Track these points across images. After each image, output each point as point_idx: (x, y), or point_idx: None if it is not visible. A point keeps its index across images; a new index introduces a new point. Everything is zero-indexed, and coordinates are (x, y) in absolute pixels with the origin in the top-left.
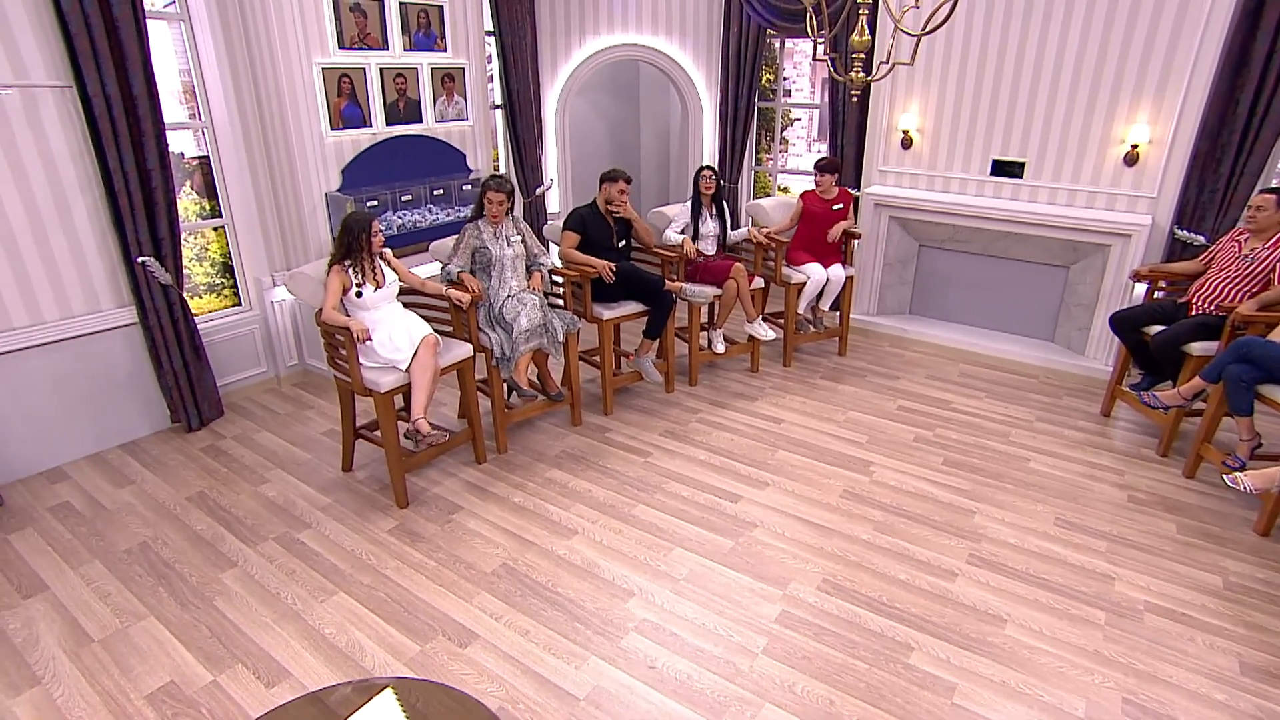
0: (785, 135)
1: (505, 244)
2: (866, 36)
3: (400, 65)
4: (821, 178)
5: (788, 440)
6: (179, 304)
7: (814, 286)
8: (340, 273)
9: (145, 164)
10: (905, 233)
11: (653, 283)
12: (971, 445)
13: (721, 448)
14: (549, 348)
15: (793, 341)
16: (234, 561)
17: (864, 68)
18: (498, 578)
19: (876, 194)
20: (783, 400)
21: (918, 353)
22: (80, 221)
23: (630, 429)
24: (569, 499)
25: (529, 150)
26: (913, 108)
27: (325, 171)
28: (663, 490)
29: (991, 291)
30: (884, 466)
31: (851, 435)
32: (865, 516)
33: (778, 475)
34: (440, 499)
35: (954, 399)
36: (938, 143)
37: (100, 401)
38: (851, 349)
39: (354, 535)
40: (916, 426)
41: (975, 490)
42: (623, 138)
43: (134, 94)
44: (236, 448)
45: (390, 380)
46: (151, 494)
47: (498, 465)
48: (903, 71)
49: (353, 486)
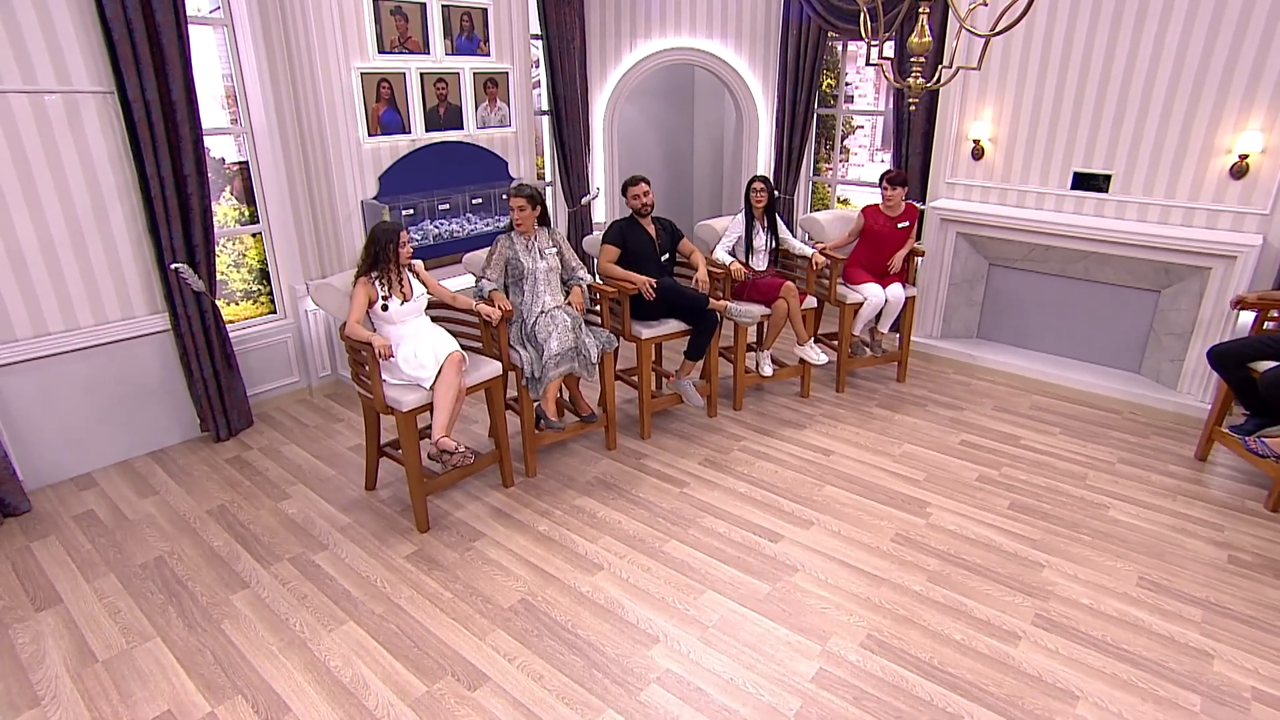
0: (846, 144)
1: (538, 256)
2: (928, 38)
3: (441, 70)
4: (891, 191)
5: (836, 474)
6: (211, 311)
7: (871, 309)
8: (366, 285)
9: (182, 170)
10: (974, 250)
11: (696, 301)
12: (1042, 488)
13: (764, 480)
14: (580, 371)
15: (847, 366)
16: (246, 582)
17: (925, 73)
18: (515, 614)
19: (943, 208)
20: (833, 430)
21: (985, 381)
22: (117, 227)
23: (667, 455)
24: (597, 530)
25: (575, 158)
26: (985, 115)
27: (361, 178)
28: (698, 525)
29: (1069, 316)
30: (942, 508)
31: (907, 472)
32: (919, 565)
33: (824, 514)
34: (462, 524)
35: (1024, 435)
36: (1012, 153)
37: (131, 409)
38: (911, 375)
39: (370, 560)
40: (980, 464)
41: (1045, 540)
42: (675, 145)
43: (173, 99)
44: (262, 460)
45: (413, 399)
46: (174, 506)
47: (525, 489)
48: (974, 76)
49: (374, 507)
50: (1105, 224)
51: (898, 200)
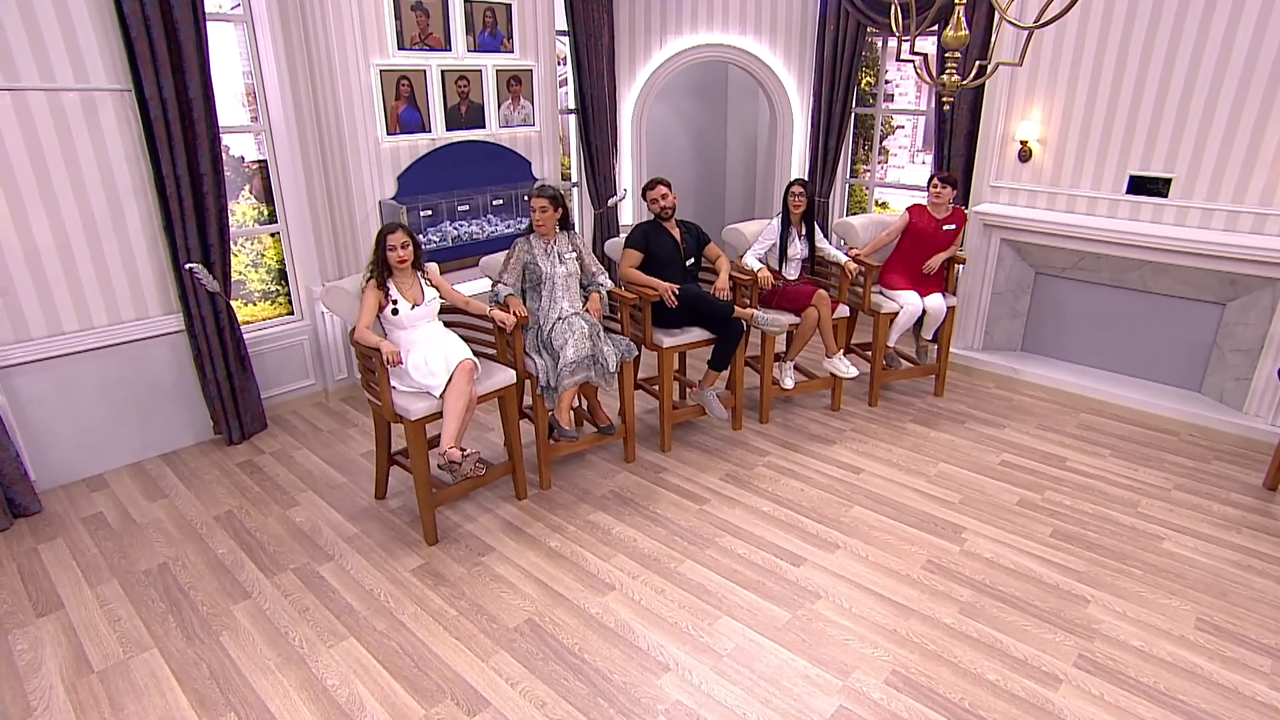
0: (885, 144)
1: (556, 261)
2: (964, 32)
3: (463, 67)
4: (941, 190)
5: (866, 494)
6: (225, 312)
7: (908, 318)
8: (376, 288)
9: (198, 168)
10: (1019, 258)
11: (720, 308)
12: (1089, 515)
13: (788, 499)
14: (597, 380)
15: (881, 378)
16: (248, 592)
17: (960, 70)
18: (520, 635)
19: (987, 213)
20: (864, 446)
21: (1029, 397)
22: (133, 226)
23: (688, 469)
24: (610, 548)
25: (602, 158)
26: (1034, 114)
27: (380, 178)
28: (716, 545)
29: (1122, 329)
30: (978, 534)
31: (942, 493)
32: (951, 595)
33: (850, 536)
34: (472, 537)
35: (1070, 456)
36: (1063, 155)
37: (145, 410)
38: (950, 389)
39: (375, 573)
40: (1022, 487)
41: (1091, 573)
42: (707, 145)
43: (190, 97)
44: (273, 465)
45: (422, 407)
46: (182, 510)
47: (538, 502)
48: (1022, 73)
49: (383, 517)
50: (1164, 231)
51: (946, 201)
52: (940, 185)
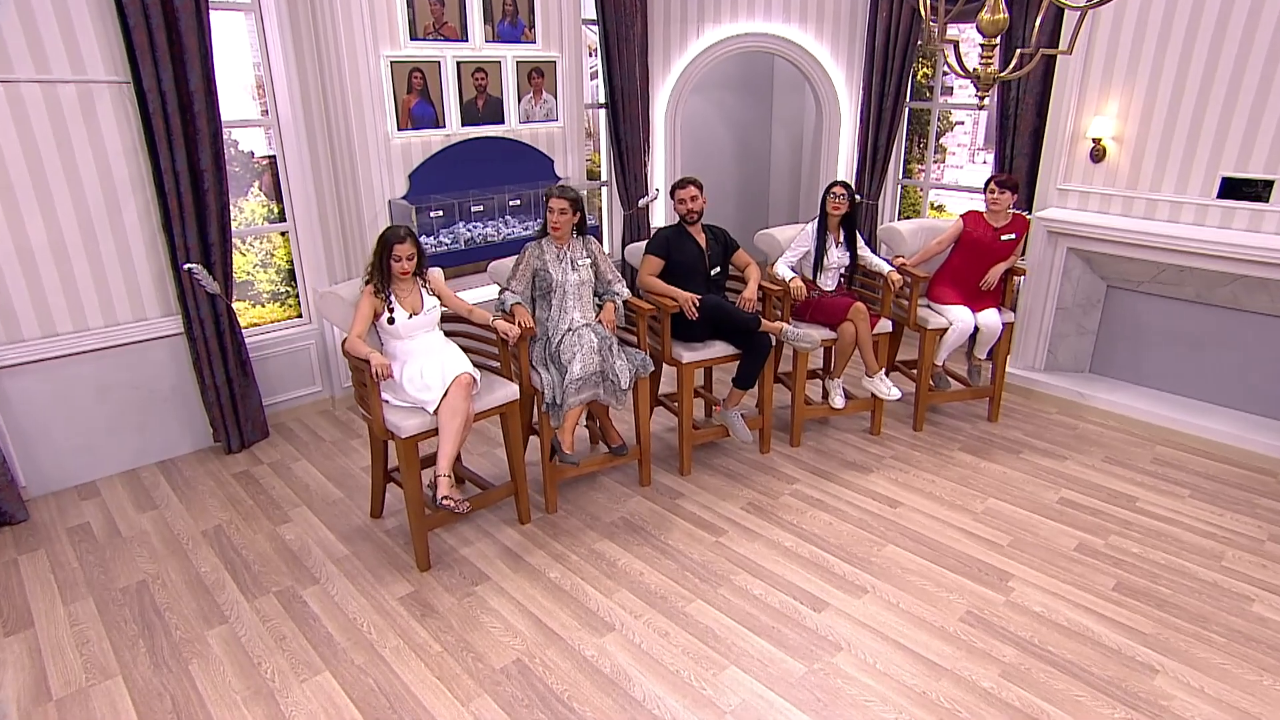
0: (942, 142)
1: (569, 268)
2: (1002, 15)
3: (481, 59)
4: (1000, 195)
5: (902, 531)
6: (226, 315)
7: (957, 335)
8: (371, 296)
9: (198, 164)
10: (1089, 269)
11: (745, 322)
12: (1161, 567)
13: (815, 533)
14: (607, 398)
15: (927, 399)
16: (225, 616)
17: (999, 59)
18: (506, 677)
19: (1053, 219)
20: (905, 476)
21: (1096, 425)
22: (130, 224)
23: (707, 496)
24: (614, 581)
25: (633, 156)
26: (1109, 109)
27: (390, 176)
28: (730, 583)
29: (1209, 351)
30: (1028, 583)
31: (989, 533)
32: (992, 654)
33: (881, 579)
34: (467, 564)
35: (1141, 495)
36: (1142, 154)
37: (142, 415)
38: (1006, 414)
39: (361, 599)
40: (1082, 530)
41: (1160, 636)
42: (750, 143)
43: (190, 89)
44: (270, 477)
45: (415, 424)
46: (170, 523)
47: (541, 527)
48: (1096, 62)
49: (376, 538)
50: (1264, 241)
51: (1005, 207)
52: (998, 190)
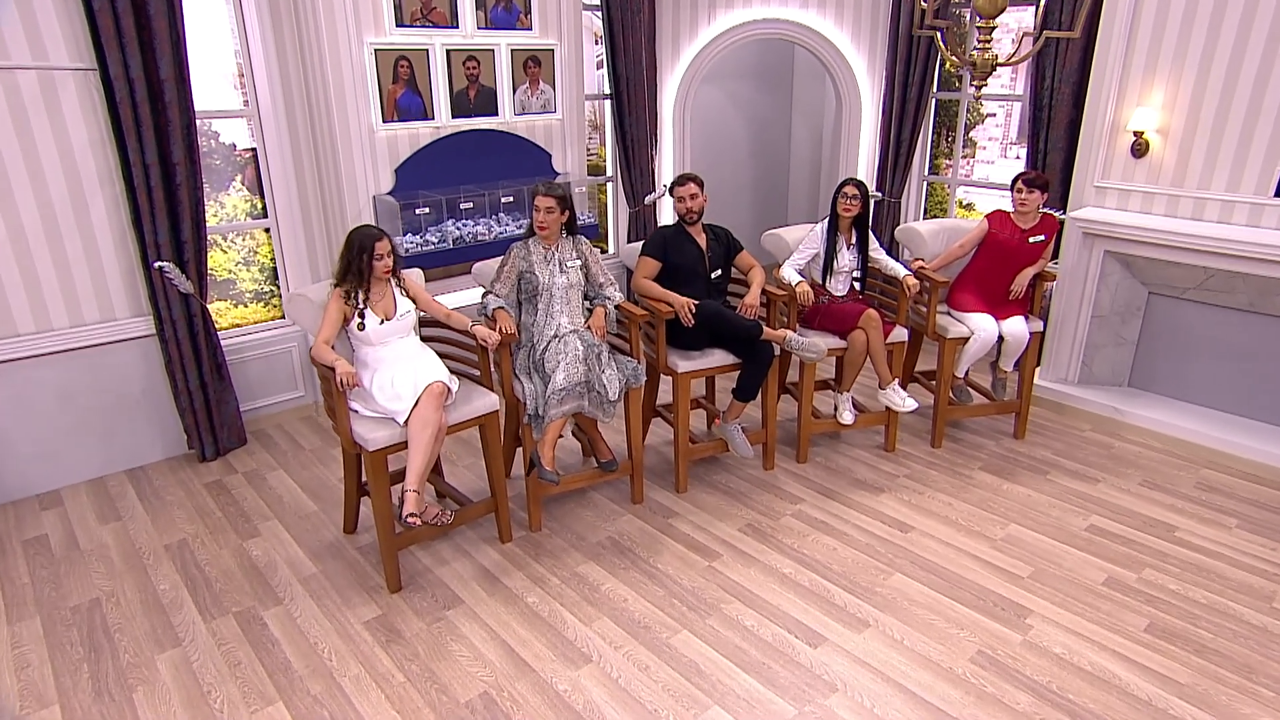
0: (972, 136)
1: (557, 270)
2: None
3: (472, 47)
4: (1028, 195)
5: (912, 559)
6: (200, 316)
7: (979, 346)
8: (340, 299)
9: (170, 156)
10: (1129, 274)
11: (745, 329)
12: (1202, 607)
13: (816, 559)
14: (593, 410)
15: (946, 414)
16: (180, 639)
17: None
18: (470, 712)
19: (1089, 219)
20: (918, 497)
21: (1134, 445)
22: (98, 219)
23: (702, 516)
24: (595, 608)
25: (639, 150)
26: (1153, 99)
27: (374, 170)
28: (720, 613)
29: (1262, 365)
30: (1049, 620)
31: (1008, 563)
32: (1004, 701)
33: (885, 612)
34: (440, 586)
35: (1182, 524)
36: (1189, 149)
37: (110, 421)
38: (1034, 431)
39: (325, 623)
40: (1113, 562)
41: (1198, 687)
42: (768, 137)
43: (161, 78)
44: (243, 487)
45: (383, 436)
46: (132, 536)
47: (523, 547)
48: (1140, 47)
49: (348, 555)
50: None
51: (1034, 207)
52: (1027, 189)
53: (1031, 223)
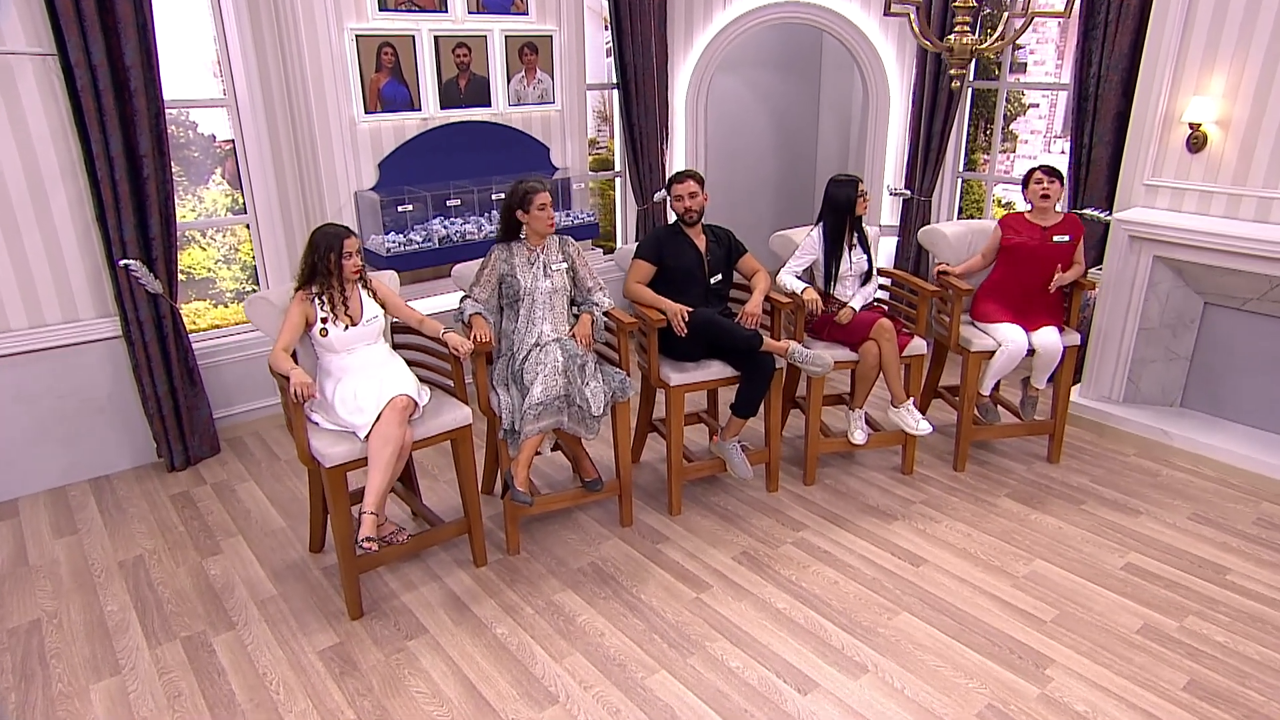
0: (1012, 128)
1: (540, 273)
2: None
3: (463, 33)
4: (1049, 184)
5: (921, 596)
6: (170, 317)
7: (1006, 360)
8: (303, 302)
9: (137, 148)
10: (1182, 282)
11: (743, 339)
12: (1252, 663)
13: (815, 594)
14: (573, 427)
15: (970, 435)
16: (120, 666)
17: (974, 26)
18: None
19: (1137, 221)
20: (935, 526)
21: (1183, 473)
22: (59, 214)
23: (694, 541)
24: (568, 642)
25: (648, 143)
26: (1212, 87)
27: (356, 165)
28: (704, 652)
29: None
30: (1072, 672)
31: (1030, 604)
32: None
33: (886, 656)
34: (405, 613)
35: (1236, 566)
36: (1254, 142)
37: (74, 427)
38: (1071, 454)
39: (277, 650)
40: (1151, 607)
41: None
42: (793, 130)
43: (126, 64)
44: (210, 500)
45: (341, 451)
46: (87, 551)
47: (499, 571)
48: (1198, 30)
49: (311, 577)
50: None
51: (1056, 198)
52: (1048, 179)
53: (1053, 220)
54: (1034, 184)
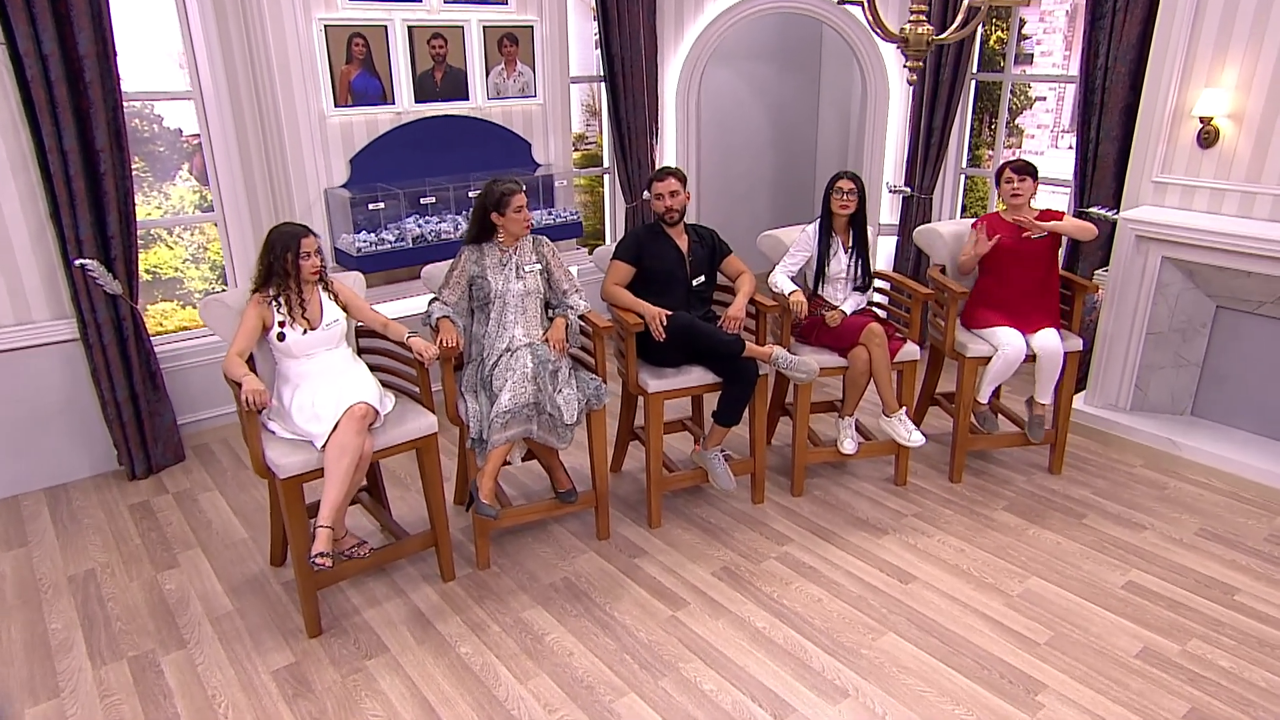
0: (1018, 123)
1: (513, 275)
2: None
3: (438, 23)
4: (1020, 183)
5: (909, 616)
6: (131, 320)
7: (1005, 365)
8: (260, 305)
9: (93, 142)
10: (1192, 284)
11: (723, 344)
12: (1259, 691)
13: (796, 612)
14: (543, 436)
15: (966, 444)
16: (59, 689)
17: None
18: None
19: (1144, 220)
20: (927, 541)
21: (1193, 485)
22: (10, 211)
23: (673, 556)
24: (535, 662)
25: (636, 139)
26: (1225, 78)
27: (326, 160)
28: (677, 674)
29: None
30: (1065, 699)
31: (1024, 625)
32: None
33: (869, 680)
34: (366, 630)
35: (1245, 586)
36: (1269, 136)
37: (27, 433)
38: (1073, 465)
39: (229, 670)
40: (1152, 629)
41: None
42: (791, 125)
43: (80, 54)
44: (170, 510)
45: (297, 462)
46: (35, 565)
47: (467, 587)
48: (1210, 18)
49: (270, 592)
50: None
51: (1027, 197)
52: (1018, 177)
53: (1029, 216)
54: (1004, 183)
